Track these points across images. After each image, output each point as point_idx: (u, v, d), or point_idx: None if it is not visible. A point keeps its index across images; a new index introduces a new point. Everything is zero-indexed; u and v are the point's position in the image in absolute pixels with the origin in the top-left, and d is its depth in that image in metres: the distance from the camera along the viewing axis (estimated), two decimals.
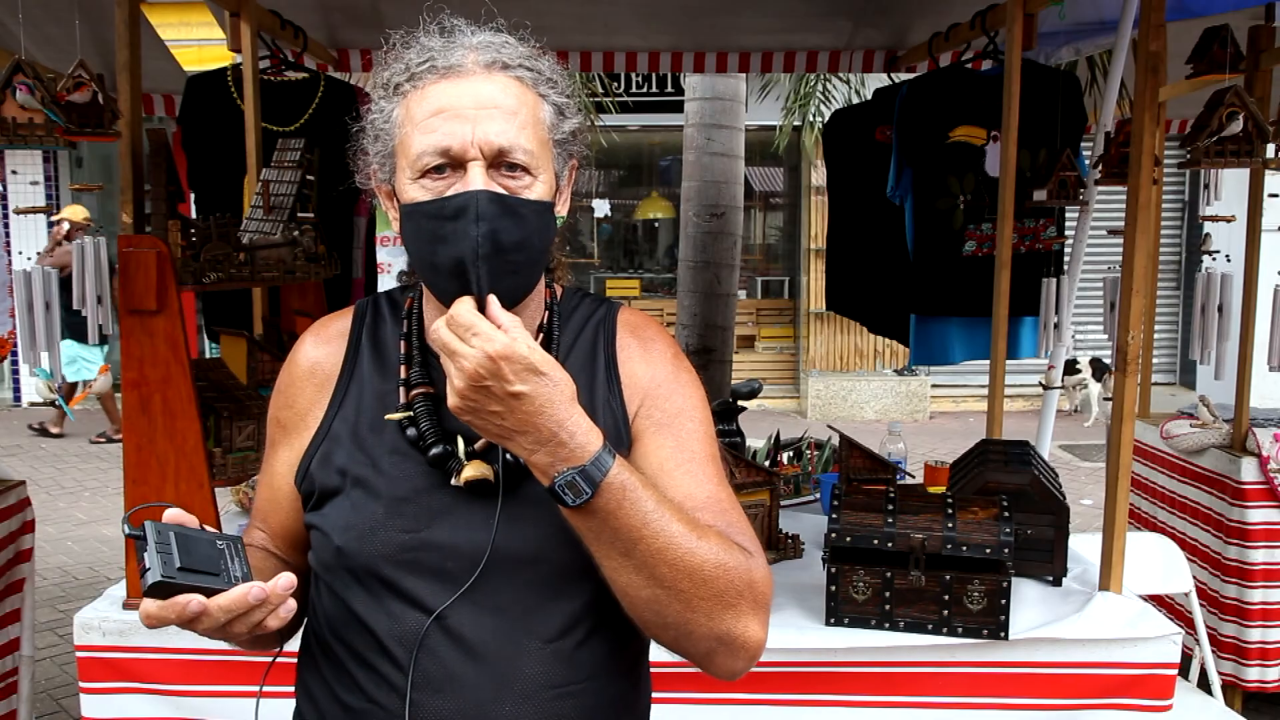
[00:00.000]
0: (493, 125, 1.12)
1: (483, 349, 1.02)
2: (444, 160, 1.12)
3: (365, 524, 1.16)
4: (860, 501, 2.14)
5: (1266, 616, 3.39)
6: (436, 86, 1.15)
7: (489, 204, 1.11)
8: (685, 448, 1.22)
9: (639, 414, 1.24)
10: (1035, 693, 2.09)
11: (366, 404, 1.23)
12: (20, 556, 3.02)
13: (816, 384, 10.20)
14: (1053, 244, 3.34)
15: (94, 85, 2.07)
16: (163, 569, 0.98)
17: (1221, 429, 3.57)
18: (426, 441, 1.17)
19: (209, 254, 2.18)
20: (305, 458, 1.23)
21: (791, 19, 3.84)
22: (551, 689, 1.15)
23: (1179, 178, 10.22)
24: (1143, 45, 2.23)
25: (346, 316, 1.32)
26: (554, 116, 1.20)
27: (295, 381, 1.28)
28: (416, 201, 1.14)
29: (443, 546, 1.15)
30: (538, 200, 1.15)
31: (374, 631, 1.16)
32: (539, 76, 1.19)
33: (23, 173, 9.52)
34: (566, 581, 1.16)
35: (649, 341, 1.29)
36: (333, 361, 1.27)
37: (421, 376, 1.22)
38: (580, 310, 1.32)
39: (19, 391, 10.26)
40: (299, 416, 1.26)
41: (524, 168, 1.14)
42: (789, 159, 11.10)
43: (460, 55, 1.16)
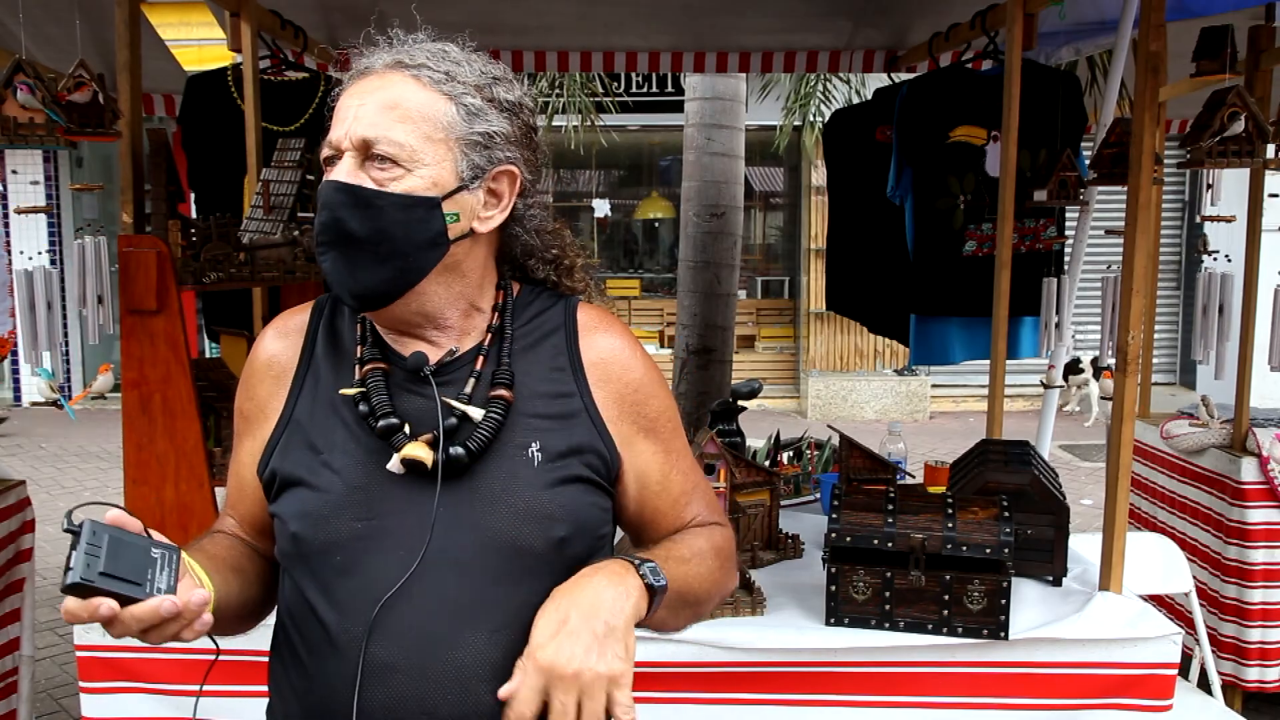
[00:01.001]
0: (365, 118, 1.17)
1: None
2: (331, 152, 1.20)
3: (319, 511, 1.18)
4: (860, 501, 2.14)
5: (1266, 616, 3.39)
6: (348, 88, 1.23)
7: (334, 192, 1.17)
8: (670, 449, 1.32)
9: (620, 418, 1.27)
10: (1035, 693, 2.09)
11: (322, 392, 1.26)
12: (20, 556, 3.02)
13: (816, 384, 10.20)
14: (1053, 244, 3.34)
15: (94, 85, 2.07)
16: (83, 571, 1.01)
17: (1222, 429, 3.57)
18: (377, 414, 1.19)
19: (209, 254, 2.18)
20: (266, 449, 1.26)
21: (792, 19, 3.84)
22: (497, 679, 1.12)
23: (1179, 178, 10.22)
24: (1143, 45, 2.23)
25: (306, 311, 1.34)
26: (459, 116, 1.19)
27: (255, 374, 1.31)
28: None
29: (394, 534, 1.16)
30: (403, 194, 1.17)
31: (325, 620, 1.17)
32: (445, 78, 1.20)
33: (23, 172, 9.52)
34: (514, 571, 1.17)
35: (614, 340, 1.30)
36: (290, 354, 1.30)
37: (374, 354, 1.25)
38: (533, 306, 1.32)
39: (19, 391, 10.26)
40: (258, 408, 1.29)
41: (392, 159, 1.16)
42: (789, 159, 11.09)
43: (374, 59, 1.23)
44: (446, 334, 1.25)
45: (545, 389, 1.24)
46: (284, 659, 1.25)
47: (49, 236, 9.87)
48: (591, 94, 8.21)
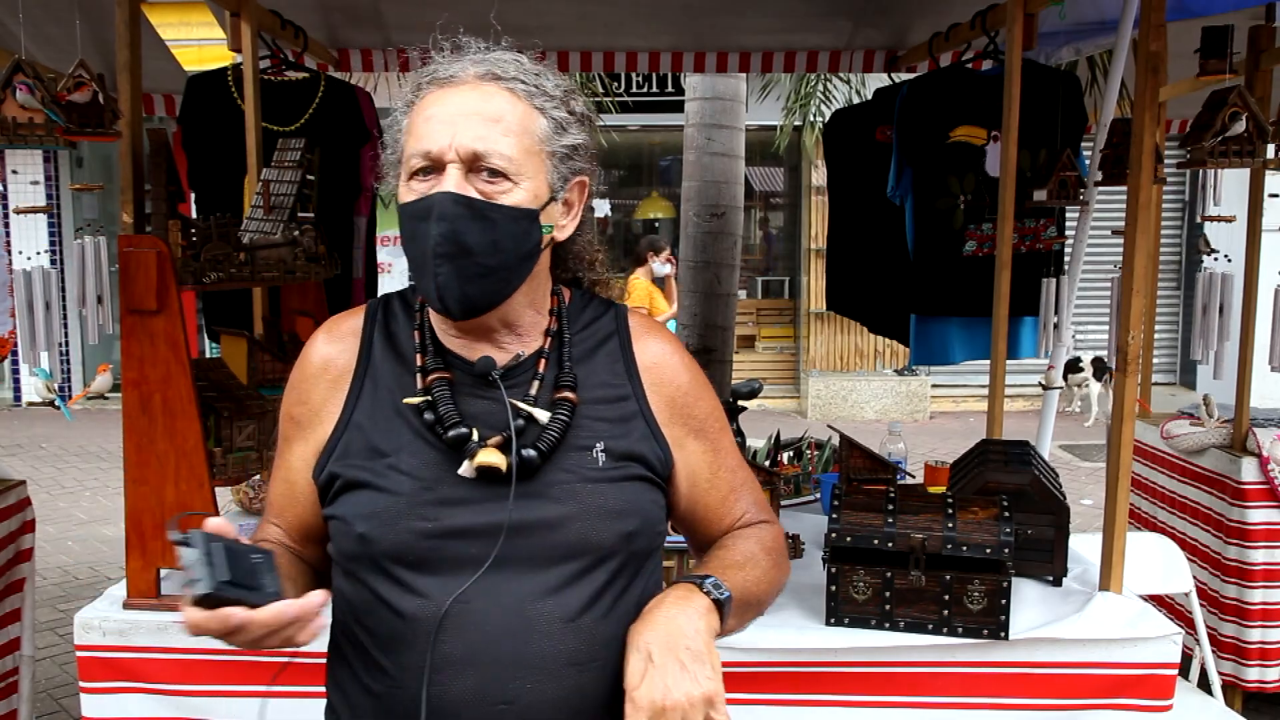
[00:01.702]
0: (471, 130, 1.17)
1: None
2: (427, 163, 1.19)
3: (388, 512, 1.19)
4: (860, 501, 2.14)
5: (1267, 617, 3.39)
6: (432, 95, 1.22)
7: (452, 205, 1.17)
8: (719, 448, 1.37)
9: (671, 420, 1.32)
10: (1035, 693, 2.09)
11: (384, 396, 1.26)
12: (20, 556, 3.02)
13: (817, 384, 10.20)
14: (1053, 244, 3.34)
15: (94, 85, 2.07)
16: (210, 582, 1.01)
17: (1223, 429, 3.57)
18: (445, 424, 1.21)
19: (209, 254, 2.18)
20: (324, 452, 1.26)
21: (792, 19, 3.83)
22: (573, 665, 1.19)
23: (1179, 178, 10.22)
24: (1143, 45, 2.23)
25: (358, 315, 1.34)
26: (549, 128, 1.23)
27: (308, 378, 1.30)
28: (402, 201, 1.22)
29: (464, 532, 1.19)
30: (512, 206, 1.20)
31: (398, 616, 1.19)
32: (535, 90, 1.23)
33: (23, 172, 9.52)
34: (585, 561, 1.22)
35: (665, 346, 1.36)
36: (346, 358, 1.30)
37: (437, 363, 1.26)
38: (587, 312, 1.37)
39: (19, 391, 10.26)
40: (313, 412, 1.29)
41: (501, 173, 1.18)
42: (789, 159, 11.09)
43: (459, 67, 1.22)
44: (516, 338, 1.29)
45: (604, 393, 1.29)
46: (349, 657, 1.26)
47: (49, 236, 9.87)
48: (592, 94, 8.20)
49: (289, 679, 2.04)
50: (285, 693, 2.05)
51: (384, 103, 6.31)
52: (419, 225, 1.18)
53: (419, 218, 1.18)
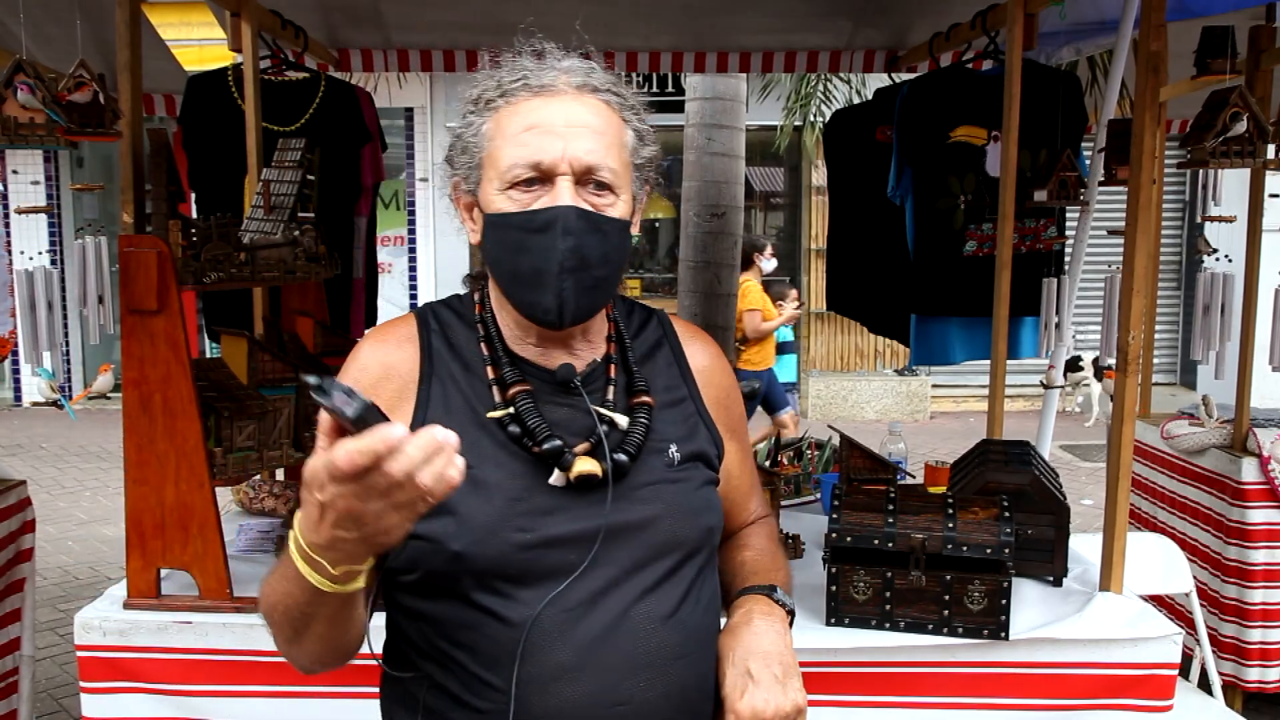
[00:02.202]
0: (583, 143, 1.18)
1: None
2: (534, 174, 1.18)
3: (484, 527, 1.17)
4: (860, 501, 2.14)
5: (1267, 617, 3.39)
6: (529, 103, 1.21)
7: (577, 219, 1.18)
8: (744, 448, 1.45)
9: (718, 419, 1.38)
10: (1035, 693, 2.09)
11: (456, 407, 1.23)
12: (21, 556, 3.02)
13: (817, 384, 10.20)
14: (1053, 244, 3.34)
15: (95, 85, 2.07)
16: (363, 402, 0.91)
17: (1223, 429, 3.57)
18: (538, 437, 1.20)
19: (209, 254, 2.18)
20: None
21: (792, 19, 3.83)
22: (678, 659, 1.22)
23: (1179, 178, 10.21)
24: (1143, 45, 2.23)
25: (408, 324, 1.31)
26: (635, 141, 1.27)
27: (368, 388, 1.22)
28: (504, 212, 1.20)
29: (561, 540, 1.19)
30: (619, 218, 1.22)
31: (505, 628, 1.17)
32: (624, 102, 1.27)
33: (23, 172, 9.52)
34: (675, 558, 1.24)
35: (710, 348, 1.43)
36: (409, 366, 1.26)
37: (516, 375, 1.25)
38: (635, 317, 1.41)
39: (20, 391, 10.26)
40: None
41: (609, 186, 1.21)
42: (789, 159, 11.09)
43: (553, 76, 1.22)
44: (588, 344, 1.31)
45: (666, 395, 1.33)
46: (442, 680, 1.21)
47: (49, 236, 9.87)
48: None
49: (292, 679, 2.04)
50: (286, 693, 2.05)
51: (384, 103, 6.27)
52: (536, 237, 1.18)
53: (537, 230, 1.18)
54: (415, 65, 3.95)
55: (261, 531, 2.59)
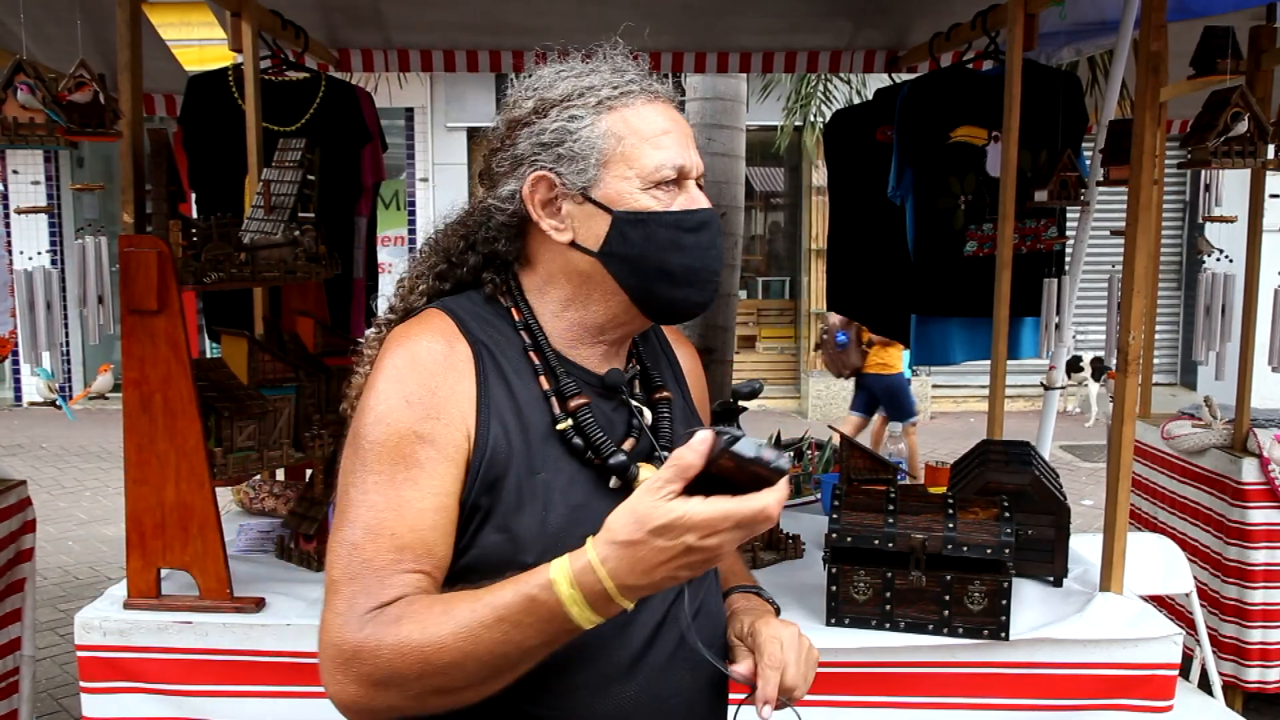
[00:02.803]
0: (695, 151, 1.29)
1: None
2: (676, 175, 1.25)
3: (556, 535, 1.16)
4: (861, 502, 2.14)
5: (1267, 617, 3.39)
6: (651, 108, 1.26)
7: (719, 220, 1.29)
8: None
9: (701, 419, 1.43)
10: (1036, 693, 2.09)
11: (512, 408, 1.20)
12: (21, 556, 3.02)
13: (817, 384, 10.20)
14: (1054, 244, 3.34)
15: (95, 85, 2.07)
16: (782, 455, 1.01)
17: (1223, 429, 3.57)
18: (603, 453, 1.22)
19: (210, 254, 2.18)
20: (470, 472, 1.17)
21: (792, 19, 3.83)
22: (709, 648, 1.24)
23: (1180, 179, 10.21)
24: (1144, 45, 2.23)
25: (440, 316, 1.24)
26: None
27: (438, 389, 1.17)
28: (653, 210, 1.23)
29: None
30: None
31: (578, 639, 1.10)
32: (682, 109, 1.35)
33: (24, 172, 9.52)
34: None
35: (690, 349, 1.49)
36: (465, 355, 1.20)
37: (574, 388, 1.25)
38: None
39: (19, 391, 10.27)
40: (451, 426, 1.16)
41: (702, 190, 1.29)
42: (790, 159, 11.09)
43: (656, 85, 1.30)
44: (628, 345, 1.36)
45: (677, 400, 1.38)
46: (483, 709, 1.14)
47: (50, 236, 9.88)
48: None
49: (292, 679, 2.04)
50: (286, 693, 2.05)
51: (384, 103, 6.27)
52: (693, 236, 1.24)
53: (694, 229, 1.24)
54: (415, 65, 3.95)
55: (261, 531, 2.59)
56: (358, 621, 1.09)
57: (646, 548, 1.00)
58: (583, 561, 1.03)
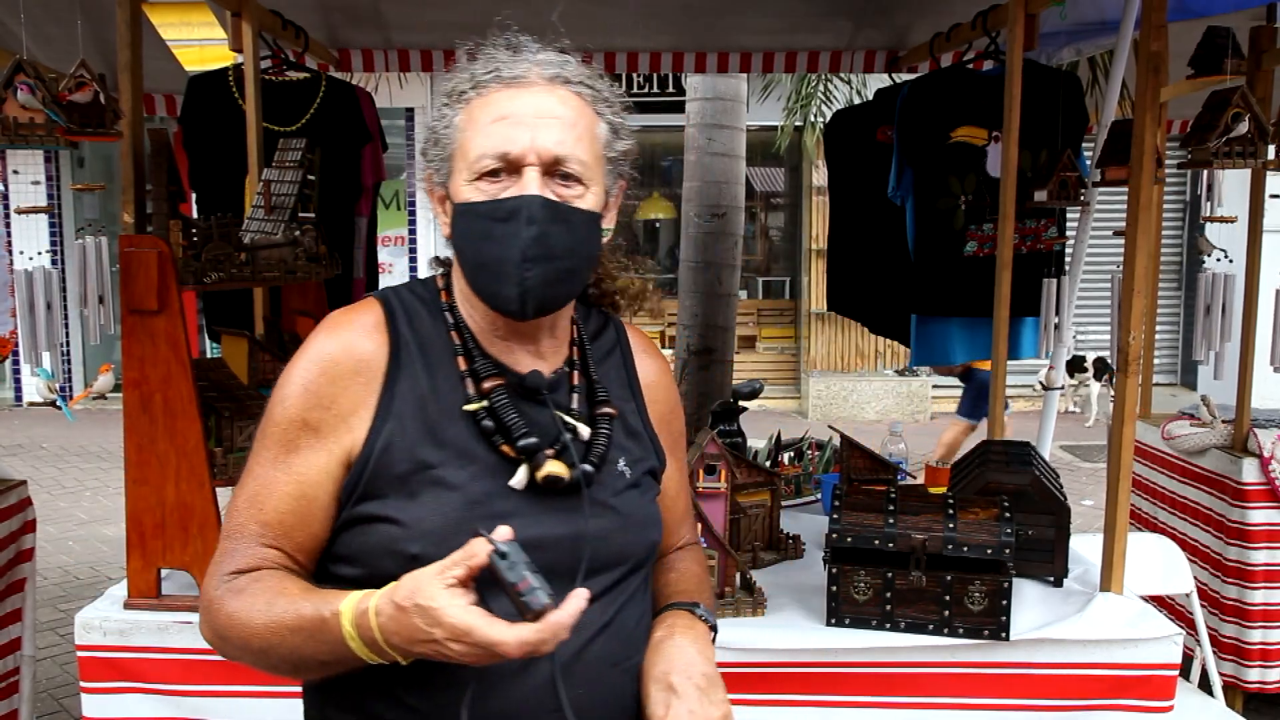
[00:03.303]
0: (551, 134, 1.17)
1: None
2: (501, 164, 1.17)
3: (444, 529, 1.15)
4: (861, 502, 2.14)
5: (1267, 618, 3.39)
6: (499, 94, 1.20)
7: (541, 208, 1.16)
8: (683, 469, 1.47)
9: (660, 434, 1.38)
10: (1036, 693, 2.09)
11: (422, 400, 1.21)
12: (21, 556, 3.02)
13: (817, 384, 10.20)
14: (1054, 244, 3.34)
15: (95, 85, 2.07)
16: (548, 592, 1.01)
17: (1223, 429, 3.57)
18: (514, 433, 1.19)
19: (210, 254, 2.18)
20: (356, 463, 1.19)
21: (792, 19, 3.83)
22: (614, 667, 1.23)
23: (1180, 179, 10.21)
24: (1144, 45, 2.23)
25: (373, 310, 1.26)
26: (609, 134, 1.25)
27: (336, 379, 1.20)
28: (470, 201, 1.18)
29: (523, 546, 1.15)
30: (588, 210, 1.21)
31: None
32: (597, 95, 1.25)
33: (24, 172, 9.52)
34: (621, 570, 1.25)
35: (659, 363, 1.42)
36: (378, 357, 1.22)
37: (489, 368, 1.23)
38: (592, 323, 1.39)
39: (20, 391, 10.27)
40: (339, 417, 1.19)
41: (577, 178, 1.19)
42: (790, 159, 11.09)
43: (525, 67, 1.21)
44: (553, 341, 1.29)
45: (619, 406, 1.31)
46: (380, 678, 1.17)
47: (50, 236, 9.87)
48: None
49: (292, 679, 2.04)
50: (286, 693, 2.05)
51: (384, 103, 6.27)
52: (501, 226, 1.16)
53: (499, 218, 1.16)
54: (416, 65, 3.95)
55: None
56: (218, 580, 1.18)
57: (409, 620, 1.02)
58: (364, 606, 1.06)
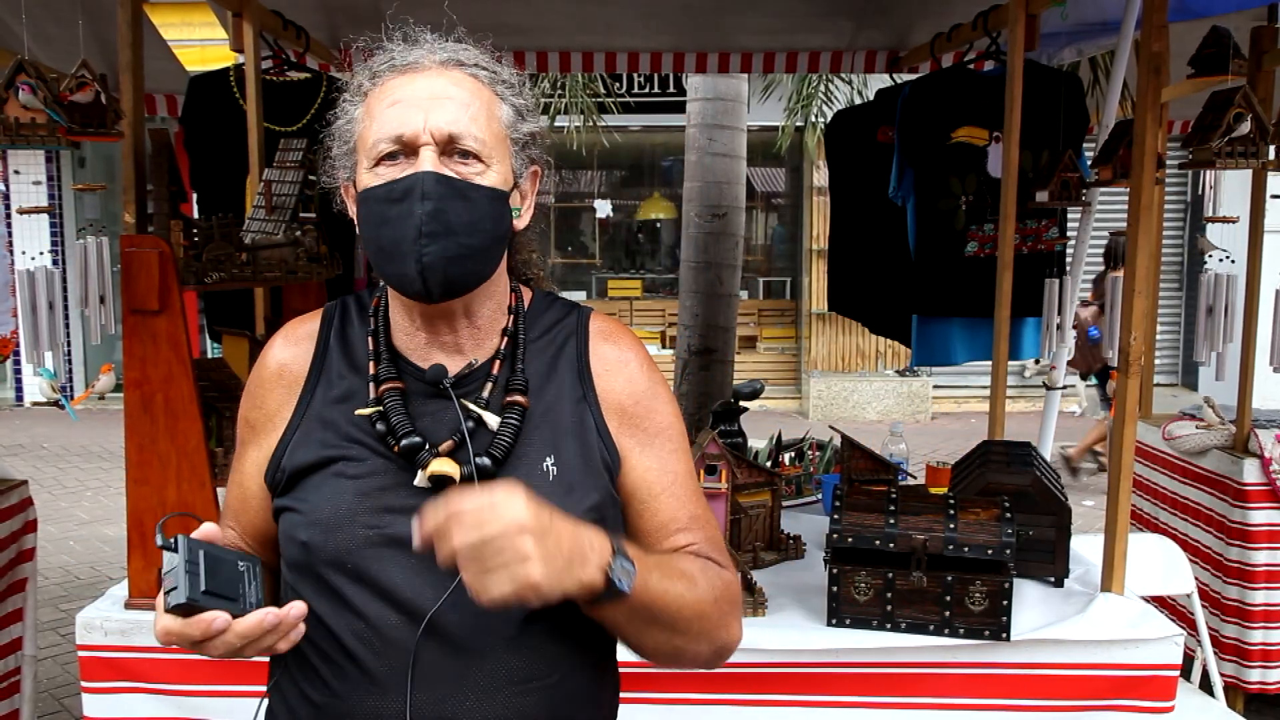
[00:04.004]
0: (444, 113, 1.16)
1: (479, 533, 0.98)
2: (397, 147, 1.16)
3: (332, 519, 1.17)
4: (862, 502, 2.14)
5: (1268, 618, 3.38)
6: (394, 81, 1.20)
7: (435, 183, 1.14)
8: (667, 469, 1.26)
9: (619, 430, 1.25)
10: (1037, 694, 2.09)
11: (335, 403, 1.25)
12: (22, 556, 3.02)
13: (818, 385, 10.20)
14: (1055, 245, 3.34)
15: (96, 85, 2.07)
16: (189, 590, 1.01)
17: (1225, 430, 3.57)
18: (398, 434, 1.18)
19: (211, 254, 2.18)
20: (274, 457, 1.25)
21: (793, 19, 3.84)
22: (517, 684, 1.15)
23: (1181, 179, 10.21)
24: (1145, 46, 2.23)
25: (315, 318, 1.33)
26: (511, 115, 1.23)
27: (264, 383, 1.29)
28: (368, 187, 1.18)
29: (407, 542, 1.11)
30: (489, 186, 1.18)
31: (337, 627, 1.17)
32: (495, 77, 1.23)
33: (25, 173, 9.51)
34: None
35: (624, 352, 1.29)
36: (301, 362, 1.29)
37: (390, 372, 1.23)
38: (549, 314, 1.33)
39: (21, 392, 10.27)
40: (267, 417, 1.28)
41: (475, 155, 1.17)
42: (791, 159, 11.09)
43: (418, 54, 1.22)
44: (474, 330, 1.25)
45: (559, 399, 1.24)
46: (290, 664, 1.23)
47: (51, 236, 9.88)
48: (593, 94, 8.20)
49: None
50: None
51: None
52: (396, 207, 1.15)
53: (395, 199, 1.15)
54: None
55: None
56: None
57: None
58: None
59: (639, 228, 12.25)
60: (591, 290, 11.80)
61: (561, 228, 11.98)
